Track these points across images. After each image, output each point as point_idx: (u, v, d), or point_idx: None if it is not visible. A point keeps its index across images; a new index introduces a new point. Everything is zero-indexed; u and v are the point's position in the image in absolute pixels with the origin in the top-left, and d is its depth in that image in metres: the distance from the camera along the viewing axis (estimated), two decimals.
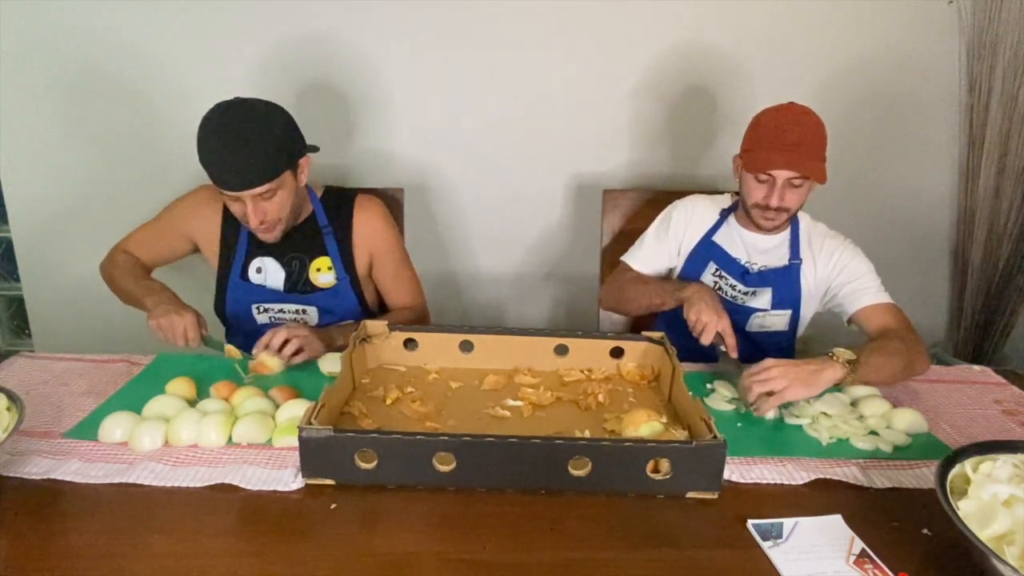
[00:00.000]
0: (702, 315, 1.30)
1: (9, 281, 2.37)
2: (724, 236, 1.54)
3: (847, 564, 0.85)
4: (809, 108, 1.40)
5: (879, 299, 1.42)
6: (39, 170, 2.12)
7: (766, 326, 1.52)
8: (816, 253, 1.49)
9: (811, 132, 1.36)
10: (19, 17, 1.97)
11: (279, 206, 1.36)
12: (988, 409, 1.26)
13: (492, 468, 0.97)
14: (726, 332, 1.30)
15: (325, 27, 2.01)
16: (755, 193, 1.41)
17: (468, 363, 1.34)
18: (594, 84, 2.10)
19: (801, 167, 1.35)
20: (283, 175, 1.33)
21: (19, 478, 0.98)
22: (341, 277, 1.51)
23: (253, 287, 1.50)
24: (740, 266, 1.51)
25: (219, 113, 1.29)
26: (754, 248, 1.52)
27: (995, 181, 2.18)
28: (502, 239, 2.26)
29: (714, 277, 1.53)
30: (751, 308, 1.50)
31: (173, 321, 1.30)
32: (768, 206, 1.40)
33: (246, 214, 1.35)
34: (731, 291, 1.52)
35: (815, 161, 1.36)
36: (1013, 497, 0.84)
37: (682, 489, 0.97)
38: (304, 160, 1.41)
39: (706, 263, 1.53)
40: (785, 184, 1.37)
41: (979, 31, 2.08)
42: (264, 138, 1.29)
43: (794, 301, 1.50)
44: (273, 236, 1.42)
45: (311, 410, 0.98)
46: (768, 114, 1.41)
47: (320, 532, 0.90)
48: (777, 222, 1.44)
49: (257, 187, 1.30)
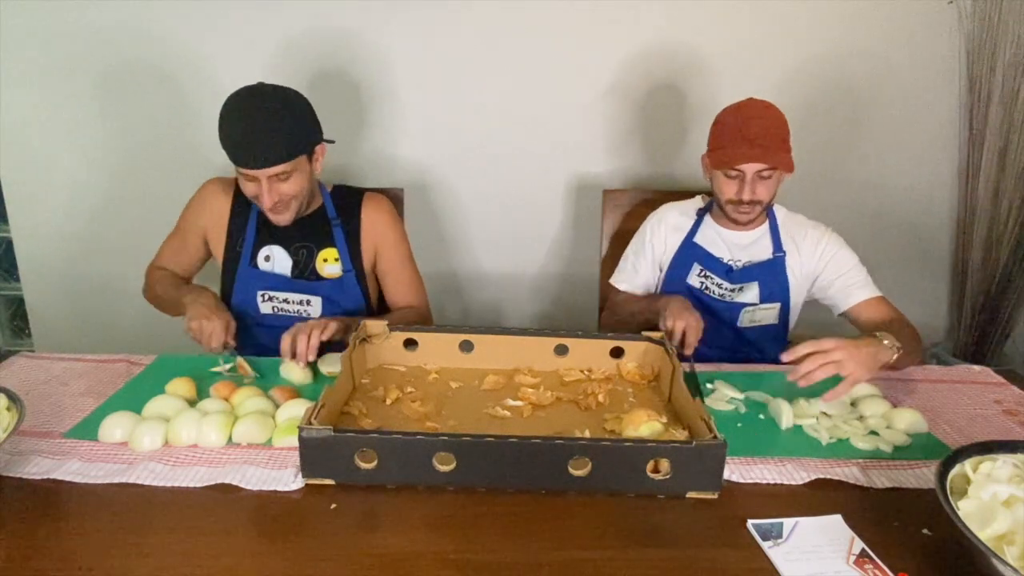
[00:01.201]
0: (667, 320, 1.33)
1: (9, 281, 2.37)
2: (704, 237, 1.56)
3: (847, 564, 0.85)
4: (769, 102, 1.43)
5: (871, 293, 1.46)
6: (39, 170, 2.12)
7: (757, 320, 1.54)
8: (799, 243, 1.52)
9: (773, 124, 1.40)
10: (19, 18, 1.97)
11: (293, 189, 1.38)
12: (988, 409, 1.26)
13: (492, 468, 0.97)
14: (691, 331, 1.31)
15: (327, 30, 2.02)
16: (727, 189, 1.44)
17: (468, 363, 1.34)
18: (594, 84, 2.10)
19: (767, 159, 1.38)
20: (299, 158, 1.36)
21: (19, 478, 0.98)
22: (347, 269, 1.53)
23: (262, 273, 1.51)
24: (723, 264, 1.53)
25: (242, 94, 1.33)
26: (735, 245, 1.54)
27: (995, 181, 2.18)
28: (502, 239, 2.26)
29: (699, 278, 1.54)
30: (740, 303, 1.52)
31: (203, 326, 1.31)
32: (741, 200, 1.43)
33: (260, 195, 1.36)
34: (717, 290, 1.53)
35: (780, 152, 1.39)
36: (1013, 497, 0.84)
37: (682, 489, 0.97)
38: (320, 148, 1.43)
39: (690, 265, 1.55)
40: (755, 177, 1.41)
41: (979, 31, 2.08)
42: (284, 120, 1.32)
43: (782, 293, 1.52)
44: (284, 219, 1.43)
45: (311, 410, 0.98)
46: (729, 111, 1.45)
47: (320, 532, 0.90)
48: (752, 215, 1.47)
49: (274, 166, 1.32)
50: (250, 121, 1.31)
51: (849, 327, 1.51)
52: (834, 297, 1.49)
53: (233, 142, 1.32)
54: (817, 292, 1.53)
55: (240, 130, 1.31)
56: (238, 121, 1.31)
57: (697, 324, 1.32)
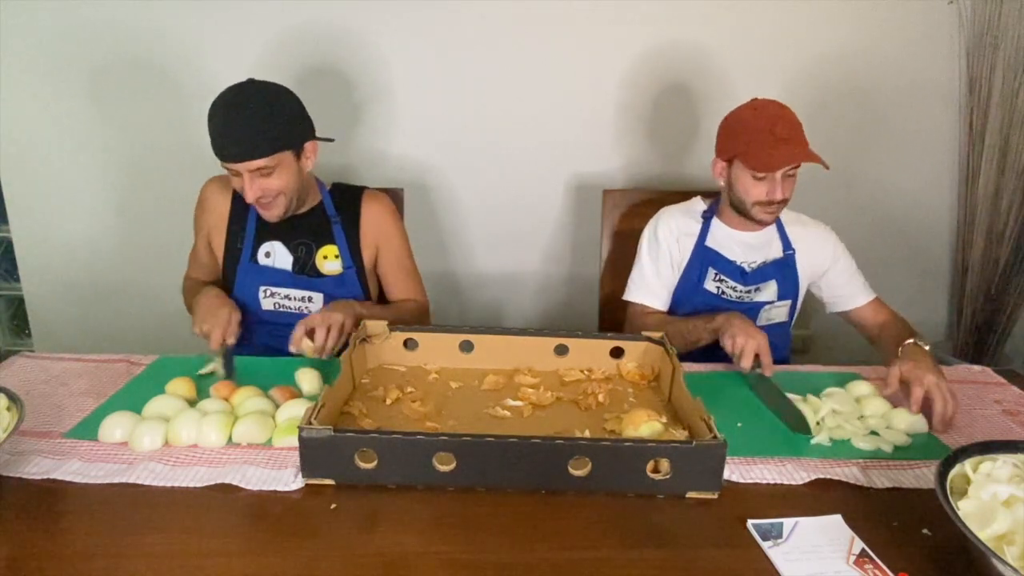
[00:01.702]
0: (737, 338, 1.29)
1: (9, 281, 2.37)
2: (715, 239, 1.55)
3: (847, 564, 0.85)
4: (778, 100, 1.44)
5: (871, 295, 1.54)
6: (39, 170, 2.12)
7: (772, 318, 1.55)
8: (809, 243, 1.54)
9: (795, 122, 1.41)
10: (19, 18, 1.97)
11: (277, 184, 1.38)
12: (988, 409, 1.26)
13: (492, 468, 0.97)
14: (763, 351, 1.29)
15: (324, 28, 2.02)
16: (755, 192, 1.43)
17: (468, 363, 1.34)
18: (594, 84, 2.10)
19: (805, 156, 1.39)
20: (282, 154, 1.36)
21: (19, 478, 0.98)
22: (348, 266, 1.53)
23: (263, 268, 1.51)
24: (737, 267, 1.52)
25: (230, 90, 1.35)
26: (747, 245, 1.54)
27: (995, 181, 2.18)
28: (502, 239, 2.26)
29: (715, 283, 1.54)
30: (759, 303, 1.53)
31: (202, 329, 1.33)
32: (772, 201, 1.43)
33: (244, 188, 1.37)
34: (734, 293, 1.53)
35: (808, 147, 1.41)
36: (1013, 497, 0.84)
37: (682, 489, 0.97)
38: (310, 145, 1.43)
39: (705, 270, 1.54)
40: (783, 177, 1.42)
41: (979, 31, 2.08)
42: (266, 115, 1.33)
43: (794, 290, 1.54)
44: (272, 215, 1.43)
45: (311, 410, 0.98)
46: (747, 113, 1.45)
47: (320, 532, 0.90)
48: (778, 214, 1.49)
49: (253, 160, 1.33)
50: (233, 115, 1.32)
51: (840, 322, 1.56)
52: (837, 297, 1.54)
53: (215, 135, 1.33)
54: (815, 289, 1.57)
55: (222, 124, 1.32)
56: (222, 115, 1.32)
57: (765, 340, 1.30)
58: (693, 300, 1.55)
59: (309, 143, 1.43)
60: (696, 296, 1.55)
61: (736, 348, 1.29)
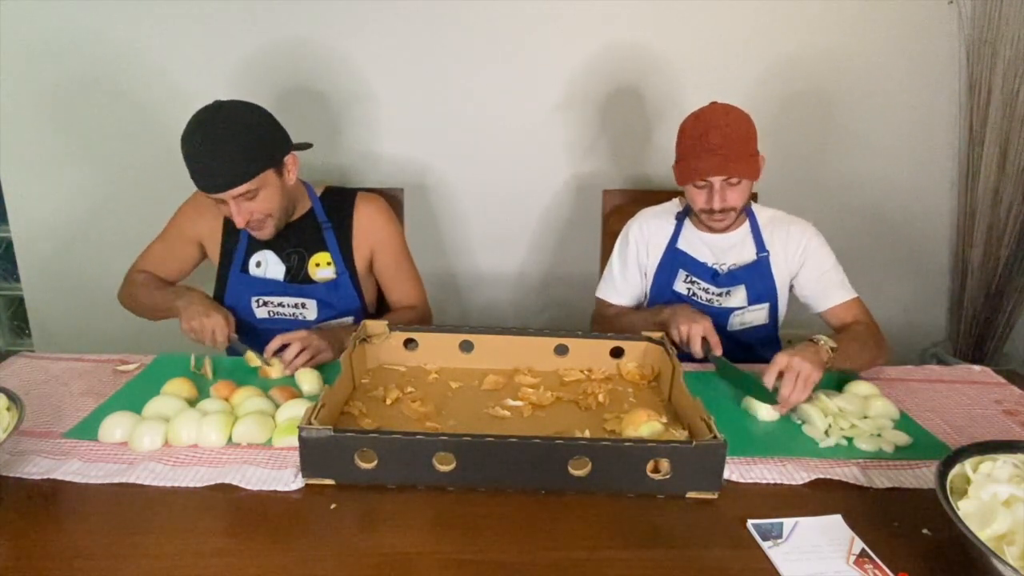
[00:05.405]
0: (681, 327, 1.33)
1: (9, 281, 2.37)
2: (686, 241, 1.54)
3: (847, 564, 0.85)
4: (731, 105, 1.40)
5: (847, 295, 1.46)
6: (39, 170, 2.12)
7: (747, 322, 1.53)
8: (785, 241, 1.50)
9: (734, 131, 1.36)
10: (19, 21, 1.98)
11: (264, 205, 1.37)
12: (988, 409, 1.26)
13: (492, 468, 0.97)
14: (709, 332, 1.32)
15: (325, 27, 2.02)
16: (697, 200, 1.43)
17: (468, 363, 1.34)
18: (594, 84, 2.11)
19: (726, 169, 1.36)
20: (264, 174, 1.33)
21: (19, 478, 0.98)
22: (341, 272, 1.52)
23: (253, 279, 1.50)
24: (708, 269, 1.51)
25: (197, 119, 1.30)
26: (717, 248, 1.53)
27: (995, 181, 2.18)
28: (502, 239, 2.26)
29: (686, 284, 1.53)
30: (728, 308, 1.51)
31: (204, 324, 1.32)
32: (713, 209, 1.41)
33: (232, 214, 1.36)
34: (704, 295, 1.52)
35: (742, 160, 1.37)
36: (1013, 497, 0.84)
37: (682, 489, 0.97)
38: (290, 158, 1.41)
39: (675, 272, 1.54)
40: (723, 185, 1.39)
41: (979, 31, 2.08)
42: (240, 140, 1.30)
43: (770, 294, 1.51)
44: (264, 234, 1.43)
45: (311, 410, 0.98)
46: (689, 121, 1.43)
47: (320, 532, 0.90)
48: (727, 222, 1.46)
49: (235, 188, 1.31)
50: (206, 146, 1.28)
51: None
52: (811, 296, 1.49)
53: (193, 170, 1.31)
54: (795, 288, 1.53)
55: (198, 156, 1.29)
56: (194, 149, 1.29)
57: (710, 324, 1.33)
58: (664, 301, 1.54)
59: (288, 156, 1.40)
60: (667, 297, 1.55)
61: (683, 336, 1.32)
